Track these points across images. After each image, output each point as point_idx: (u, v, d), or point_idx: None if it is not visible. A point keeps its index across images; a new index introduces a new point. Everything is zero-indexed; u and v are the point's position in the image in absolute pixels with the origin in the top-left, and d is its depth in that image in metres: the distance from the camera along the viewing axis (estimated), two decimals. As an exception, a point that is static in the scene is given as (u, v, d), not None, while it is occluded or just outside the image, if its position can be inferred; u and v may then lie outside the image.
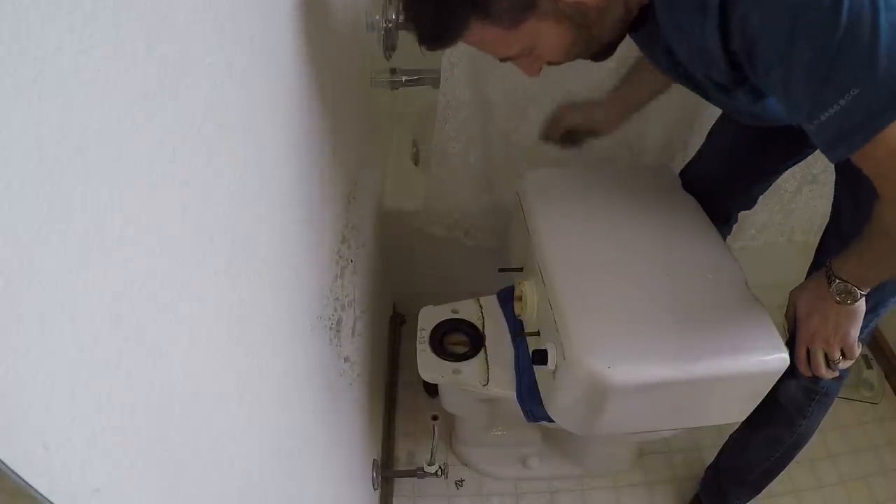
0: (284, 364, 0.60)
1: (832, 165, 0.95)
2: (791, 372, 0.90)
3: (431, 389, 1.58)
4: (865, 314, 0.83)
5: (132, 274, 0.31)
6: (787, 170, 1.17)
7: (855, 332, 0.84)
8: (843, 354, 0.86)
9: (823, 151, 0.65)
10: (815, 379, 0.93)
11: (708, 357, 0.86)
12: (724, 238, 1.25)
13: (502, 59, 0.76)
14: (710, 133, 1.21)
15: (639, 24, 0.76)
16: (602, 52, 0.77)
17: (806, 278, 0.93)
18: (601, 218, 1.08)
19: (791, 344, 0.90)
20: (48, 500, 0.24)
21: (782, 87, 0.62)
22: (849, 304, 0.80)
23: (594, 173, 1.20)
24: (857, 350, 0.86)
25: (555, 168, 1.19)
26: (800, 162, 1.13)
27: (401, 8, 0.70)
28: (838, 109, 0.59)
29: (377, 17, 1.07)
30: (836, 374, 0.90)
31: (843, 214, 0.93)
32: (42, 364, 0.24)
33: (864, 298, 0.81)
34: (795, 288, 0.90)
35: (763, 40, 0.60)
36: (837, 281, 0.80)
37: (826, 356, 0.87)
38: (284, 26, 0.57)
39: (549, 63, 0.77)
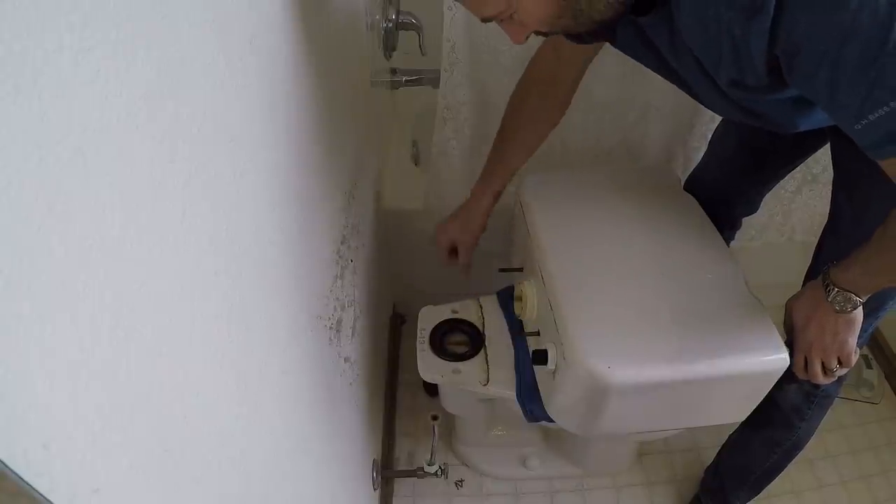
0: (284, 364, 0.60)
1: (832, 166, 0.95)
2: (789, 376, 0.90)
3: (431, 389, 1.58)
4: (865, 317, 0.82)
5: (132, 274, 0.31)
6: (789, 173, 1.17)
7: (853, 340, 0.83)
8: (840, 362, 0.86)
9: (868, 149, 0.63)
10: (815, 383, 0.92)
11: (708, 357, 0.86)
12: (728, 243, 1.25)
13: (484, 20, 0.69)
14: (711, 143, 1.21)
15: (646, 9, 0.70)
16: (595, 31, 0.70)
17: (803, 284, 0.92)
18: (601, 218, 1.08)
19: (789, 352, 0.90)
20: (48, 500, 0.24)
21: (827, 91, 0.60)
22: (848, 311, 0.80)
23: (594, 173, 1.20)
24: (855, 357, 0.85)
25: (555, 168, 1.19)
26: (801, 164, 1.14)
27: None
28: (888, 111, 0.57)
29: (377, 17, 1.07)
30: (834, 379, 0.89)
31: (842, 217, 0.92)
32: (42, 364, 0.24)
33: (861, 306, 0.80)
34: (792, 297, 0.89)
35: (809, 44, 0.58)
36: (836, 289, 0.78)
37: (823, 364, 0.87)
38: (284, 26, 0.57)
39: (537, 33, 0.71)
